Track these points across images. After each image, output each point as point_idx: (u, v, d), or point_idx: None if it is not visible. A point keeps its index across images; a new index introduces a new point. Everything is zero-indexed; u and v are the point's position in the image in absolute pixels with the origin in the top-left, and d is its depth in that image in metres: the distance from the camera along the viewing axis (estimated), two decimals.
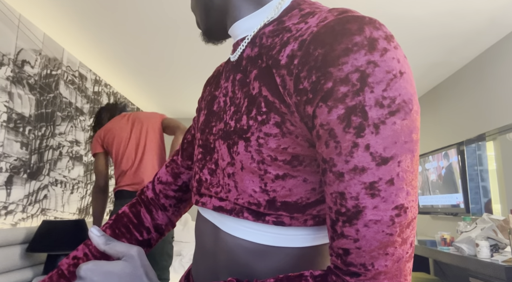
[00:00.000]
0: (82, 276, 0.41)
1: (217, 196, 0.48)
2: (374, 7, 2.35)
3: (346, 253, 0.38)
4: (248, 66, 0.47)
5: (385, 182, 0.36)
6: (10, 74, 2.31)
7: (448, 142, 3.53)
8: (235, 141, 0.44)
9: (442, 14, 2.43)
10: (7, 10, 2.30)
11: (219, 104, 0.52)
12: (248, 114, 0.44)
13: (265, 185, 0.43)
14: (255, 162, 0.43)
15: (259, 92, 0.43)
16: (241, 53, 0.50)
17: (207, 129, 0.52)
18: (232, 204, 0.46)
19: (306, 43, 0.39)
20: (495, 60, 2.86)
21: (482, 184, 3.06)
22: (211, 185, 0.50)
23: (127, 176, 2.27)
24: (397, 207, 0.36)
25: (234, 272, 0.48)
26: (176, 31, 2.69)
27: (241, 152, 0.44)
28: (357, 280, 0.38)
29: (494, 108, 2.87)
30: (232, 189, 0.45)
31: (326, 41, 0.37)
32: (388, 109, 0.36)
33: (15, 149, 2.36)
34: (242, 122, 0.44)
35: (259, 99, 0.43)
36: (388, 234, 0.36)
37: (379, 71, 0.36)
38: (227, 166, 0.46)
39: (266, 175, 0.42)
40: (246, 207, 0.44)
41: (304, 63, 0.38)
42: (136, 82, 3.81)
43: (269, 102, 0.42)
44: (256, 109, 0.43)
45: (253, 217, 0.44)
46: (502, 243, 2.16)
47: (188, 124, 5.16)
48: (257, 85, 0.44)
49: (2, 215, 2.24)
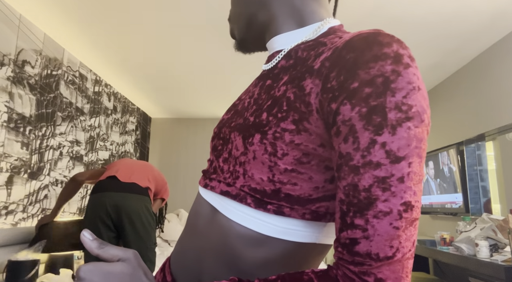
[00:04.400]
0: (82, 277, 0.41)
1: (225, 181, 0.51)
2: (374, 7, 2.35)
3: (353, 242, 0.40)
4: (281, 74, 0.52)
5: (397, 178, 0.39)
6: (11, 74, 2.32)
7: (447, 142, 3.54)
8: (251, 133, 0.48)
9: (442, 15, 2.43)
10: (7, 11, 2.30)
11: (244, 105, 0.56)
12: (269, 111, 0.47)
13: (273, 176, 0.46)
14: (267, 154, 0.46)
15: (283, 94, 0.47)
16: (276, 64, 0.55)
17: (227, 124, 0.56)
18: (238, 189, 0.49)
19: (339, 48, 0.43)
20: (495, 61, 2.87)
21: (481, 183, 3.06)
22: (222, 171, 0.53)
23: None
24: (405, 203, 0.39)
25: (220, 254, 0.50)
26: (176, 32, 2.70)
27: (255, 142, 0.47)
28: (361, 268, 0.40)
29: (493, 108, 2.88)
30: (241, 176, 0.49)
31: (358, 47, 0.41)
32: (405, 115, 0.39)
33: (16, 149, 2.36)
34: (262, 117, 0.48)
35: (282, 100, 0.47)
36: (395, 227, 0.39)
37: (401, 80, 0.40)
38: (241, 155, 0.49)
39: (276, 166, 0.46)
40: (251, 194, 0.47)
41: (335, 65, 0.42)
42: (136, 83, 3.81)
43: (290, 102, 0.46)
44: (278, 107, 0.47)
45: (255, 204, 0.47)
46: (501, 243, 2.16)
47: (188, 124, 5.16)
48: (283, 88, 0.48)
49: (3, 215, 2.25)
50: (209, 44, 2.91)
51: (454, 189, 3.30)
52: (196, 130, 5.20)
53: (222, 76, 3.49)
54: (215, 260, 0.51)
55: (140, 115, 4.72)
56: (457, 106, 3.42)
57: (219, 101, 4.35)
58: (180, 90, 4.05)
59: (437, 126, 3.81)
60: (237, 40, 0.62)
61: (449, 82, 3.58)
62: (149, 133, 5.10)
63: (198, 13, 2.44)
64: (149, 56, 3.14)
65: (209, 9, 2.40)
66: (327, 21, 0.54)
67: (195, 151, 5.09)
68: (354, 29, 2.63)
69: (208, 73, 3.50)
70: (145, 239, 2.08)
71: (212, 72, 3.43)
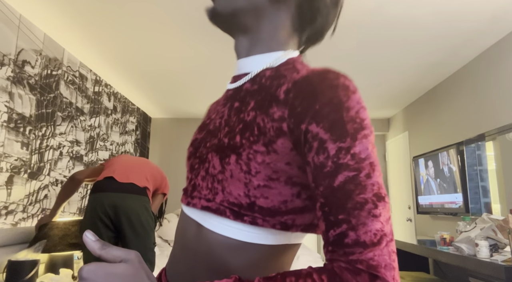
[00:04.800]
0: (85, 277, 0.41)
1: (205, 197, 0.57)
2: (374, 7, 2.36)
3: (341, 236, 0.46)
4: (247, 97, 0.60)
5: (364, 175, 0.47)
6: (11, 75, 2.32)
7: (447, 142, 3.54)
8: (228, 154, 0.55)
9: (442, 15, 2.43)
10: (7, 11, 2.30)
11: (215, 125, 0.63)
12: (242, 135, 0.55)
13: (248, 191, 0.53)
14: (242, 172, 0.53)
15: (253, 119, 0.55)
16: (241, 85, 0.63)
17: (202, 144, 0.63)
18: (218, 204, 0.55)
19: (299, 82, 0.53)
20: (495, 60, 2.87)
21: (481, 183, 3.06)
22: (202, 188, 0.59)
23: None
24: (375, 195, 0.47)
25: (209, 262, 0.56)
26: (176, 32, 2.70)
27: (232, 162, 0.54)
28: (352, 257, 0.45)
29: (493, 108, 2.88)
30: (219, 192, 0.55)
31: (315, 81, 0.51)
32: (360, 125, 0.49)
33: (16, 149, 2.36)
34: (236, 140, 0.55)
35: (252, 125, 0.55)
36: (374, 215, 0.46)
37: (352, 101, 0.50)
38: (218, 173, 0.56)
39: (250, 183, 0.53)
40: (229, 207, 0.54)
41: (298, 95, 0.52)
42: (136, 83, 3.81)
43: (260, 127, 0.54)
44: (250, 132, 0.54)
45: (233, 216, 0.54)
46: (501, 243, 2.16)
47: (188, 124, 5.17)
48: (253, 114, 0.56)
49: (3, 215, 2.25)
50: (209, 45, 2.91)
51: (454, 189, 3.30)
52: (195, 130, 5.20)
53: (222, 76, 3.49)
54: (206, 267, 0.57)
55: (140, 115, 4.72)
56: (457, 106, 3.42)
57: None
58: (180, 90, 4.05)
59: (437, 126, 3.81)
60: (215, 10, 0.62)
61: (449, 82, 3.58)
62: (149, 133, 5.10)
63: (198, 14, 2.44)
64: (149, 56, 3.14)
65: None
66: (288, 52, 0.62)
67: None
68: (355, 30, 2.63)
69: (208, 74, 3.50)
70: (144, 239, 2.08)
71: (212, 73, 3.43)
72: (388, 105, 4.63)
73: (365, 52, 3.04)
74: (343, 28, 2.63)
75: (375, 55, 3.09)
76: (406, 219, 4.64)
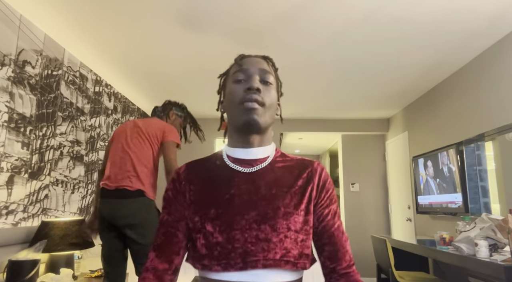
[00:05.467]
0: None
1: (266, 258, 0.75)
2: (374, 7, 2.36)
3: (351, 258, 0.83)
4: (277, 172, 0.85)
5: (340, 223, 0.86)
6: (11, 75, 2.32)
7: (447, 142, 3.54)
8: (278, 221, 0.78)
9: (441, 15, 2.44)
10: (8, 11, 2.31)
11: (242, 199, 0.78)
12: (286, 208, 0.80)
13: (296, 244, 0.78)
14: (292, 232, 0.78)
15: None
16: (261, 168, 0.83)
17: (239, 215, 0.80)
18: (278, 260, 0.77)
19: (323, 178, 0.85)
20: (495, 61, 2.87)
21: (481, 183, 3.07)
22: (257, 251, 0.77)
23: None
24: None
25: None
26: (176, 32, 2.70)
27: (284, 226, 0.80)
28: (353, 267, 0.83)
29: (493, 109, 2.88)
30: (278, 250, 0.76)
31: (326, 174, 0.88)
32: (335, 198, 0.86)
33: (16, 149, 2.37)
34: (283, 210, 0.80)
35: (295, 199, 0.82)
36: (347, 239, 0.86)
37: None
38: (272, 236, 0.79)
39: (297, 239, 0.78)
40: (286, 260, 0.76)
41: (323, 183, 0.85)
42: (137, 83, 3.82)
43: (300, 203, 0.81)
44: (294, 206, 0.80)
45: (290, 266, 0.76)
46: (501, 242, 2.17)
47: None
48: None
49: (3, 215, 2.25)
50: (209, 45, 2.92)
51: (453, 189, 3.30)
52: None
53: None
54: None
55: (140, 115, 4.72)
56: (457, 106, 3.42)
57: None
58: (180, 91, 4.06)
59: (437, 127, 3.81)
60: (260, 124, 0.79)
61: (448, 82, 3.59)
62: None
63: (199, 15, 2.45)
64: (149, 56, 3.15)
65: (209, 10, 2.40)
66: (273, 144, 0.89)
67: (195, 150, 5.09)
68: (354, 30, 2.64)
69: (208, 74, 3.51)
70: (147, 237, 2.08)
71: (212, 73, 3.44)
72: (388, 105, 4.64)
73: (365, 52, 3.04)
74: (343, 28, 2.64)
75: (375, 55, 3.10)
76: (405, 219, 4.64)
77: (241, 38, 2.80)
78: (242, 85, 0.81)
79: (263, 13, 2.44)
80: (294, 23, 2.57)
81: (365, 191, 5.51)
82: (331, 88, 3.98)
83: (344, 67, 3.37)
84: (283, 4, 2.34)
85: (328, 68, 3.41)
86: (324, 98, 4.34)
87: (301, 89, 4.03)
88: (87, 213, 3.29)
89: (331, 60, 3.23)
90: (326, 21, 2.54)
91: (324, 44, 2.91)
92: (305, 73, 3.54)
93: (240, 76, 0.83)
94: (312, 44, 2.90)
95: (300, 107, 4.74)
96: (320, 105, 4.65)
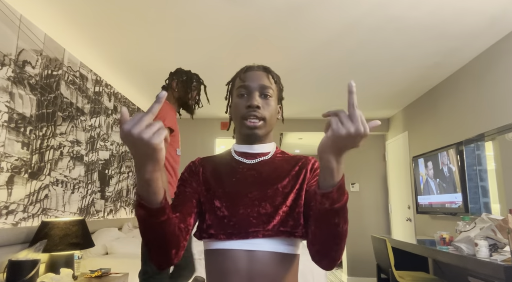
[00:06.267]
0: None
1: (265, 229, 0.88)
2: (374, 7, 2.36)
3: None
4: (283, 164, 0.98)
5: None
6: (11, 75, 2.32)
7: (447, 142, 3.54)
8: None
9: (441, 15, 2.44)
10: (8, 11, 2.31)
11: (247, 182, 0.92)
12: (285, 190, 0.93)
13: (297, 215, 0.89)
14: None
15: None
16: (262, 160, 0.97)
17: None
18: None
19: (312, 163, 0.96)
20: (495, 61, 2.87)
21: (481, 183, 3.07)
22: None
23: None
24: None
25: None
26: (177, 32, 2.70)
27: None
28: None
29: (493, 109, 2.88)
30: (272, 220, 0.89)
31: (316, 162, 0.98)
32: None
33: (16, 149, 2.37)
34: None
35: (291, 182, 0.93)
36: None
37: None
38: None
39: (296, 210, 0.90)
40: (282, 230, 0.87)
41: (312, 168, 0.96)
42: (137, 83, 3.82)
43: (296, 184, 0.93)
44: (291, 186, 0.92)
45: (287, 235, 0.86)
46: (501, 242, 2.17)
47: (188, 124, 5.17)
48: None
49: (3, 215, 2.25)
50: (209, 45, 2.92)
51: (453, 189, 3.30)
52: (196, 130, 5.21)
53: (222, 76, 3.50)
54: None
55: None
56: (457, 106, 3.42)
57: (219, 101, 4.35)
58: None
59: (437, 127, 3.81)
60: (259, 133, 0.94)
61: (448, 82, 3.59)
62: None
63: (199, 15, 2.45)
64: (149, 56, 3.15)
65: (209, 10, 2.40)
66: (274, 143, 1.03)
67: (195, 150, 5.09)
68: (354, 30, 2.64)
69: (208, 74, 3.51)
70: None
71: (212, 73, 3.44)
72: (388, 105, 4.64)
73: (365, 52, 3.04)
74: (343, 28, 2.64)
75: (375, 55, 3.10)
76: (405, 219, 4.64)
77: (241, 38, 2.81)
78: (244, 101, 0.94)
79: (263, 12, 2.45)
80: (294, 23, 2.58)
81: (365, 191, 5.51)
82: (331, 88, 3.98)
83: (344, 67, 3.38)
84: (284, 4, 2.34)
85: (328, 68, 3.41)
86: (324, 98, 4.34)
87: (301, 89, 4.03)
88: (87, 213, 3.29)
89: (331, 60, 3.23)
90: (326, 21, 2.54)
91: (324, 44, 2.91)
92: (305, 73, 3.54)
93: (243, 91, 0.94)
94: (312, 44, 2.90)
95: (300, 107, 4.74)
96: (320, 105, 4.65)
